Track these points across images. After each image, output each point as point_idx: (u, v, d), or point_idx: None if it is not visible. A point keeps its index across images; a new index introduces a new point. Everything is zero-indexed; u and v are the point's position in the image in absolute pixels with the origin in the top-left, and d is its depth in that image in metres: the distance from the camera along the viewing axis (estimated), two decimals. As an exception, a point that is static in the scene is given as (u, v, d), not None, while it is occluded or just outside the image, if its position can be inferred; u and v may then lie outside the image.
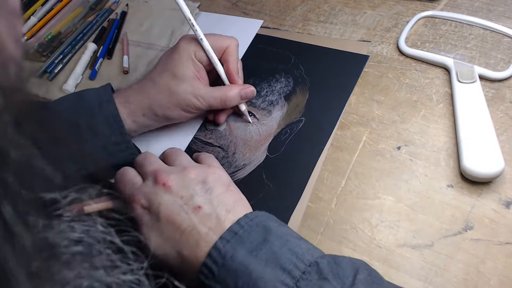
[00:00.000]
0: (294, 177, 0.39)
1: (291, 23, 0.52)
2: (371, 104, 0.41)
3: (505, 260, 0.30)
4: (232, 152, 0.42)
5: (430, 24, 0.45)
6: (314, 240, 0.35)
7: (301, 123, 0.42)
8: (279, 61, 0.48)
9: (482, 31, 0.43)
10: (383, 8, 0.49)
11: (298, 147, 0.40)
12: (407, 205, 0.35)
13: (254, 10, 0.56)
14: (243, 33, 0.52)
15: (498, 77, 0.39)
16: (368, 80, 0.43)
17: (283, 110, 0.44)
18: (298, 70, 0.46)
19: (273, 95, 0.45)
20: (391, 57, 0.44)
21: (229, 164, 0.41)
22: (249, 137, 0.43)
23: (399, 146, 0.38)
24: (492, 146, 0.34)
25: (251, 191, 0.38)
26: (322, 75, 0.45)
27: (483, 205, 0.33)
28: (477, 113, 0.36)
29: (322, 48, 0.48)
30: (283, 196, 0.38)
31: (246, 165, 0.41)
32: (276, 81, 0.46)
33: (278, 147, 0.41)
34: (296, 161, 0.40)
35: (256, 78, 0.47)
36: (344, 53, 0.46)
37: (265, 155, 0.41)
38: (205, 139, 0.44)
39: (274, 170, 0.40)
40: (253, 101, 0.45)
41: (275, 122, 0.43)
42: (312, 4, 0.53)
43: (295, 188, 0.38)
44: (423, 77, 0.42)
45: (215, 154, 0.42)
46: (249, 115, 0.44)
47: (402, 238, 0.33)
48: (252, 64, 0.49)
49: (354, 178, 0.37)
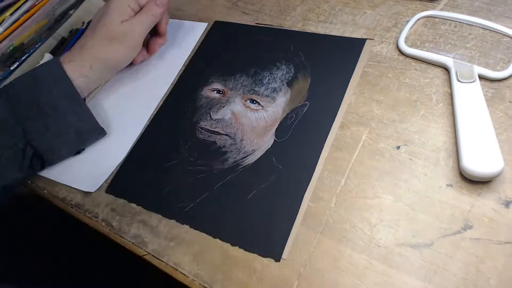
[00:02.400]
0: (304, 158, 0.39)
1: (291, 23, 0.52)
2: (370, 103, 0.41)
3: (504, 259, 0.30)
4: (239, 139, 0.43)
5: (430, 24, 0.45)
6: (313, 239, 0.35)
7: (305, 107, 0.43)
8: (278, 50, 0.49)
9: (481, 31, 0.43)
10: (383, 8, 0.49)
11: (305, 130, 0.41)
12: (406, 205, 0.35)
13: (254, 10, 0.56)
14: (189, 36, 0.55)
15: (497, 76, 0.39)
16: (368, 79, 0.43)
17: (286, 96, 0.44)
18: (298, 57, 0.47)
19: (275, 82, 0.46)
20: (391, 57, 0.44)
21: (238, 151, 0.42)
22: (256, 123, 0.43)
23: (398, 145, 0.38)
24: (491, 146, 0.34)
25: (262, 174, 0.40)
26: (322, 61, 0.46)
27: (482, 205, 0.33)
28: (477, 113, 0.36)
29: (320, 35, 0.49)
30: (295, 177, 0.38)
31: (255, 150, 0.41)
32: (277, 68, 0.47)
33: (285, 132, 0.42)
34: (304, 143, 0.40)
35: (257, 67, 0.48)
36: (342, 38, 0.47)
37: (273, 140, 0.42)
38: (211, 128, 0.45)
39: (283, 153, 0.40)
40: (256, 89, 0.46)
41: (279, 108, 0.44)
42: (312, 4, 0.53)
43: (306, 168, 0.39)
44: (423, 76, 0.42)
45: (223, 141, 0.43)
46: (253, 102, 0.45)
47: (402, 237, 0.33)
48: (252, 54, 0.50)
49: (354, 177, 0.37)
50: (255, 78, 0.47)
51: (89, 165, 0.46)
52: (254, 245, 0.36)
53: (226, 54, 0.52)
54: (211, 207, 0.39)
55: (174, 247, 0.38)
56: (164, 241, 0.39)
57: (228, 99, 0.46)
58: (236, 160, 0.41)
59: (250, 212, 0.38)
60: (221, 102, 0.46)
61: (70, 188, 0.45)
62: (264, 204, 0.38)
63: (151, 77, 0.53)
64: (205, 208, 0.39)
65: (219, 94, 0.47)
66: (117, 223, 0.41)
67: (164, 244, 0.38)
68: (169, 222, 0.40)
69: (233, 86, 0.47)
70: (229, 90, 0.47)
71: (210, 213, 0.39)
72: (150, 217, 0.41)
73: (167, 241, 0.38)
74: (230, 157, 0.42)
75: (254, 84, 0.47)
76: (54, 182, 0.46)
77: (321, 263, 0.34)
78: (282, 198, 0.38)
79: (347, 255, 0.34)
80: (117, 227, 0.41)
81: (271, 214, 0.37)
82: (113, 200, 0.43)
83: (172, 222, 0.39)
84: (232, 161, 0.41)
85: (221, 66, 0.50)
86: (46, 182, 0.46)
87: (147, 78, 0.53)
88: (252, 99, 0.45)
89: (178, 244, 0.38)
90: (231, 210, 0.38)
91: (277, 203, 0.37)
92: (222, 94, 0.47)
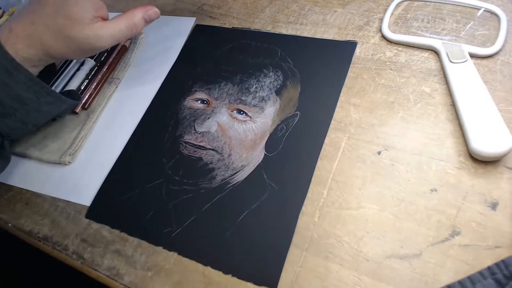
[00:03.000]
0: (296, 174, 0.37)
1: (260, 25, 0.50)
2: (347, 107, 0.40)
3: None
4: (227, 154, 0.40)
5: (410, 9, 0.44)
6: (299, 257, 0.33)
7: (296, 118, 0.40)
8: (265, 55, 0.46)
9: (461, 8, 0.42)
10: (353, 5, 0.47)
11: (297, 143, 0.39)
12: (391, 213, 0.33)
13: (221, 14, 0.53)
14: (177, 33, 0.51)
15: (488, 53, 0.38)
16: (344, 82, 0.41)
17: (275, 106, 0.42)
18: (286, 63, 0.45)
19: (263, 90, 0.43)
20: (365, 57, 0.43)
21: (226, 167, 0.39)
22: (244, 136, 0.40)
23: (379, 151, 0.37)
24: (497, 123, 0.33)
25: (253, 193, 0.37)
26: (312, 66, 0.43)
27: (468, 208, 0.32)
28: (475, 92, 0.36)
29: (308, 38, 0.46)
30: (288, 196, 0.36)
31: (244, 166, 0.39)
32: (265, 76, 0.44)
33: (276, 145, 0.39)
34: (297, 157, 0.38)
35: (243, 74, 0.45)
36: (330, 42, 0.45)
37: (263, 154, 0.39)
38: (196, 142, 0.42)
39: (275, 169, 0.38)
40: (243, 99, 0.43)
41: (269, 119, 0.41)
42: (281, 5, 0.51)
43: (300, 185, 0.36)
44: (399, 76, 0.40)
45: (210, 157, 0.40)
46: (240, 113, 0.42)
47: (389, 248, 0.32)
48: (237, 60, 0.47)
49: (336, 188, 0.36)
50: (242, 86, 0.44)
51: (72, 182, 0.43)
52: (248, 272, 0.33)
53: (209, 60, 0.48)
54: (200, 231, 0.36)
55: (152, 277, 0.36)
56: (141, 272, 0.36)
57: (213, 109, 0.43)
58: (224, 177, 0.39)
59: (242, 236, 0.35)
60: (205, 113, 0.44)
61: (36, 220, 0.42)
62: (256, 226, 0.35)
63: (135, 86, 0.50)
64: (193, 232, 0.36)
65: (203, 104, 0.44)
66: (89, 255, 0.38)
67: (141, 275, 0.36)
68: (145, 250, 0.37)
69: (218, 95, 0.44)
70: (214, 99, 0.44)
71: (199, 238, 0.36)
72: (124, 245, 0.38)
73: (145, 271, 0.36)
74: (218, 175, 0.39)
75: (240, 93, 0.44)
76: (18, 215, 0.43)
77: (309, 283, 0.32)
78: (275, 219, 0.35)
79: (335, 272, 0.32)
80: (90, 259, 0.38)
81: (265, 237, 0.35)
82: (83, 230, 0.40)
83: (148, 249, 0.37)
84: (220, 179, 0.39)
85: (204, 73, 0.47)
86: (10, 214, 0.43)
87: (133, 87, 0.50)
88: (239, 109, 0.42)
89: (156, 274, 0.36)
90: (222, 234, 0.36)
91: (270, 224, 0.35)
92: (206, 104, 0.44)
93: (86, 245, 0.39)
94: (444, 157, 0.35)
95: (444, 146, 0.35)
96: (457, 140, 0.35)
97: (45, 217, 0.42)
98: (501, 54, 0.39)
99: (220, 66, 0.47)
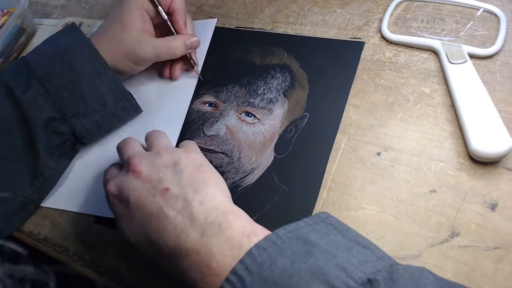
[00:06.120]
0: (307, 176, 0.37)
1: (260, 25, 0.50)
2: (347, 108, 0.40)
3: (495, 266, 0.30)
4: (237, 157, 0.40)
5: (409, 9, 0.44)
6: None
7: (305, 119, 0.40)
8: (271, 57, 0.46)
9: (460, 8, 0.42)
10: (353, 5, 0.47)
11: (306, 144, 0.39)
12: (391, 215, 0.34)
13: (221, 14, 0.53)
14: (200, 36, 0.49)
15: (487, 53, 0.38)
16: (343, 83, 0.41)
17: (284, 107, 0.42)
18: (293, 64, 0.44)
19: (271, 92, 0.43)
20: (364, 57, 0.43)
21: (236, 170, 0.39)
22: (253, 139, 0.40)
23: (379, 152, 0.37)
24: (496, 124, 0.33)
25: (264, 196, 0.37)
26: (320, 66, 0.43)
27: (468, 209, 0.32)
28: (475, 93, 0.36)
29: (314, 38, 0.46)
30: (299, 198, 0.36)
31: (254, 169, 0.39)
32: (272, 77, 0.44)
33: (285, 147, 0.39)
34: (307, 159, 0.38)
35: (251, 76, 0.45)
36: (338, 42, 0.44)
37: (273, 156, 0.39)
38: (205, 146, 0.42)
39: (285, 171, 0.38)
40: (251, 101, 0.43)
41: (277, 121, 0.41)
42: (280, 5, 0.51)
43: (310, 187, 0.36)
44: (398, 76, 0.40)
45: (219, 160, 0.40)
46: (248, 115, 0.42)
47: (389, 250, 0.32)
48: (243, 62, 0.46)
49: (336, 189, 0.36)
50: (249, 89, 0.44)
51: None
52: None
53: (215, 62, 0.48)
54: None
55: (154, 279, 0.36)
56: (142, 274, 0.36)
57: (222, 112, 0.43)
58: (235, 181, 0.39)
59: None
60: (214, 116, 0.43)
61: (36, 221, 0.42)
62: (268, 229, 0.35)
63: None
64: None
65: (211, 107, 0.44)
66: (89, 256, 0.38)
67: (143, 276, 0.36)
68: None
69: (226, 98, 0.44)
70: (222, 102, 0.44)
71: None
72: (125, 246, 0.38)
73: (146, 273, 0.36)
74: (228, 178, 0.39)
75: (248, 95, 0.44)
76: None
77: (309, 284, 0.32)
78: (286, 222, 0.35)
79: (334, 273, 0.32)
80: (90, 261, 0.38)
81: None
82: (84, 231, 0.40)
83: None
84: (231, 182, 0.39)
85: (212, 76, 0.47)
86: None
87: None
88: (247, 112, 0.42)
89: (157, 276, 0.36)
90: None
91: None
92: (214, 107, 0.44)
93: (87, 247, 0.39)
94: (443, 158, 0.35)
95: (444, 147, 0.35)
96: (456, 141, 0.35)
97: (45, 219, 0.42)
98: (500, 54, 0.39)
99: (226, 69, 0.47)
